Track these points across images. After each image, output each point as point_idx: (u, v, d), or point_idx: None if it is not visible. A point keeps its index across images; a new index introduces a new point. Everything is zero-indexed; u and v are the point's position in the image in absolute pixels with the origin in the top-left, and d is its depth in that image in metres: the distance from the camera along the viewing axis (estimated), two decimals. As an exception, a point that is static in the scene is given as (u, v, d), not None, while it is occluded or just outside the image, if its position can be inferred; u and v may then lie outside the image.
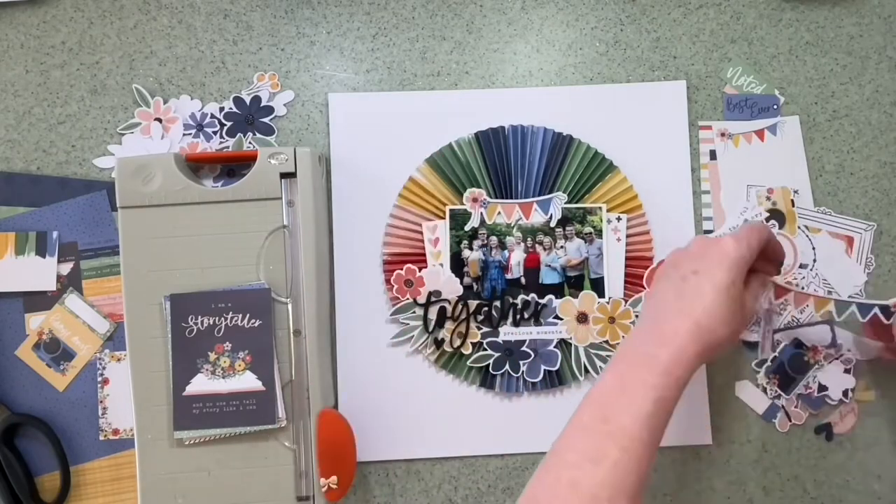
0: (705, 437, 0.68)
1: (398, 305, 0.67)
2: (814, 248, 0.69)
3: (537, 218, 0.68)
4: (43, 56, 0.69)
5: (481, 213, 0.68)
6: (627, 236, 0.69)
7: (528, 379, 0.67)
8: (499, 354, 0.67)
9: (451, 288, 0.67)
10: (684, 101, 0.70)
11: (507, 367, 0.67)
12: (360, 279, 0.68)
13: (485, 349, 0.68)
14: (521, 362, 0.67)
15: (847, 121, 0.71)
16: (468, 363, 0.68)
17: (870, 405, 0.69)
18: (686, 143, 0.70)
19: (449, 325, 0.67)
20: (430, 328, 0.67)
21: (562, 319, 0.68)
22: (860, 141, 0.71)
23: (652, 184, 0.69)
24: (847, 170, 0.70)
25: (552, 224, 0.68)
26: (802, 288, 0.69)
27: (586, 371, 0.68)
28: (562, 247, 0.68)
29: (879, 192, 0.70)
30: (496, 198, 0.68)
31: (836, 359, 0.69)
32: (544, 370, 0.67)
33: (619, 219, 0.69)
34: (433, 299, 0.67)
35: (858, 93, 0.71)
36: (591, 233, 0.68)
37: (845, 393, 0.69)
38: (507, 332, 0.68)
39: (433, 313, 0.67)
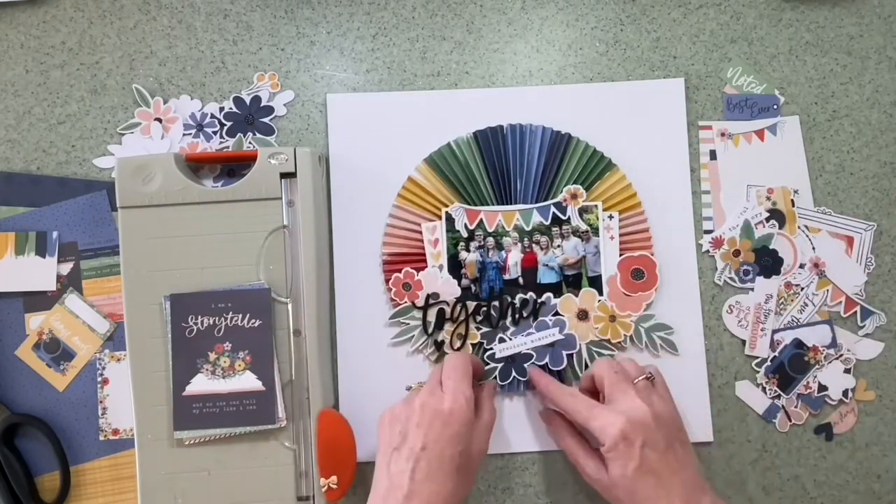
0: (706, 433, 0.68)
1: (397, 309, 0.68)
2: (814, 248, 0.69)
3: (535, 219, 0.68)
4: (43, 56, 0.69)
5: (481, 219, 0.68)
6: (627, 234, 0.69)
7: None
8: (503, 364, 0.68)
9: (449, 290, 0.67)
10: (682, 98, 0.70)
11: (513, 374, 0.67)
12: (359, 279, 0.68)
13: (486, 363, 0.67)
14: (525, 365, 0.67)
15: (847, 121, 0.71)
16: (476, 381, 0.67)
17: (870, 405, 0.69)
18: (685, 140, 0.70)
19: (448, 326, 0.67)
20: (430, 330, 0.67)
21: (561, 317, 0.68)
22: (860, 141, 0.71)
23: (651, 181, 0.69)
24: (847, 170, 0.70)
25: (548, 222, 0.68)
26: (803, 289, 0.69)
27: (587, 368, 0.68)
28: (559, 246, 0.68)
29: (879, 192, 0.70)
30: (495, 198, 0.68)
31: (836, 359, 0.69)
32: (548, 370, 0.67)
33: (611, 217, 0.69)
34: (431, 301, 0.67)
35: (858, 93, 0.71)
36: (587, 231, 0.68)
37: (845, 393, 0.69)
38: (506, 348, 0.67)
39: (432, 315, 0.67)
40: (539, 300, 0.68)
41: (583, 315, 0.68)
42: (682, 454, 0.58)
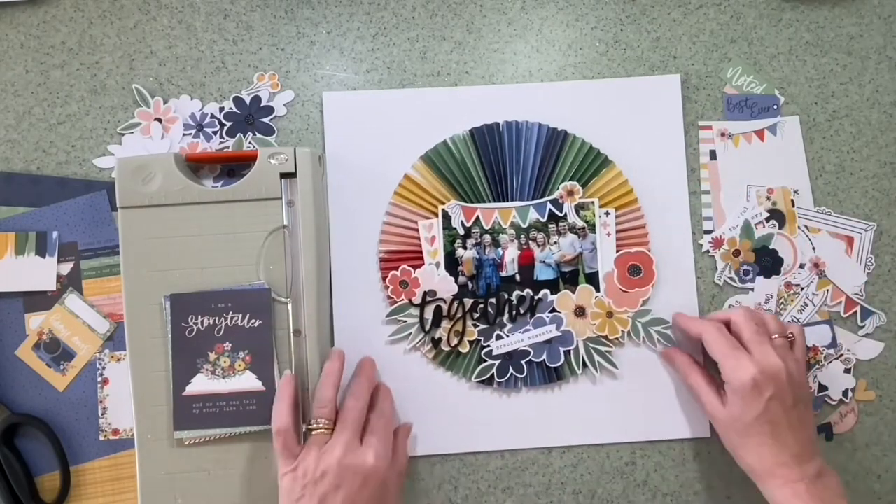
0: (704, 429, 0.68)
1: (394, 307, 0.68)
2: (814, 248, 0.69)
3: (532, 215, 0.69)
4: (43, 56, 0.69)
5: (478, 216, 0.68)
6: (623, 230, 0.69)
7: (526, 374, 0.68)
8: (500, 361, 0.68)
9: (446, 287, 0.67)
10: (679, 94, 0.70)
11: (511, 371, 0.67)
12: (357, 277, 0.68)
13: (483, 360, 0.68)
14: (522, 362, 0.67)
15: (847, 121, 0.71)
16: (473, 378, 0.68)
17: (870, 405, 0.69)
18: (681, 136, 0.70)
19: (445, 324, 0.67)
20: (427, 328, 0.67)
21: (558, 313, 0.68)
22: (860, 141, 0.71)
23: (648, 178, 0.69)
24: (847, 170, 0.70)
25: (545, 219, 0.68)
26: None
27: (584, 365, 0.68)
28: (555, 243, 0.68)
29: (879, 192, 0.70)
30: (492, 195, 0.68)
31: (836, 359, 0.69)
32: (545, 366, 0.68)
33: (607, 213, 0.69)
34: (428, 299, 0.67)
35: (858, 93, 0.71)
36: (584, 228, 0.68)
37: (845, 393, 0.69)
38: (503, 345, 0.68)
39: (429, 313, 0.67)
40: (536, 297, 0.68)
41: (580, 311, 0.68)
42: (805, 414, 0.60)
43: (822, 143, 0.71)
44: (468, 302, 0.68)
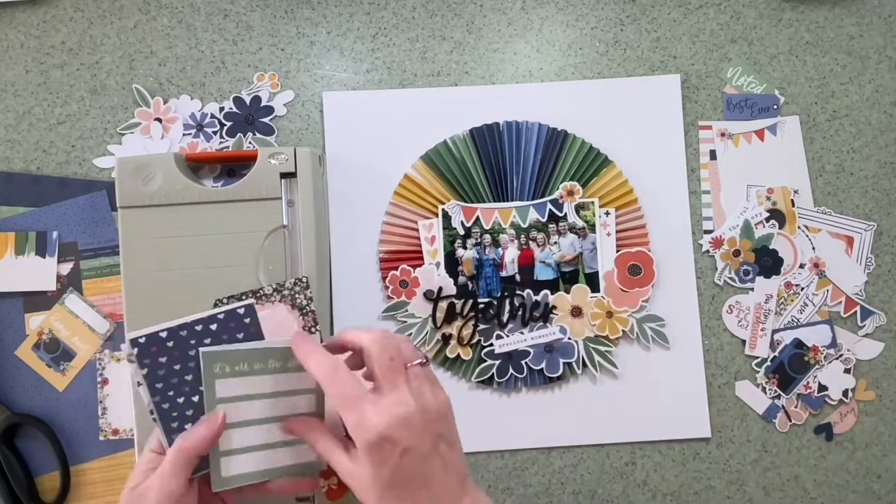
0: (704, 429, 0.68)
1: (389, 304, 0.68)
2: (814, 248, 0.69)
3: (532, 216, 0.69)
4: (43, 56, 0.69)
5: (478, 216, 0.68)
6: (623, 230, 0.69)
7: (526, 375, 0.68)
8: (500, 361, 0.68)
9: (445, 287, 0.67)
10: (678, 94, 0.70)
11: (511, 371, 0.67)
12: (357, 277, 0.68)
13: (483, 360, 0.68)
14: (522, 362, 0.67)
15: (847, 121, 0.71)
16: (473, 378, 0.68)
17: (870, 405, 0.69)
18: (681, 136, 0.70)
19: (458, 322, 0.67)
20: (438, 324, 0.67)
21: (557, 315, 0.68)
22: (860, 141, 0.71)
23: (648, 177, 0.69)
24: (847, 170, 0.70)
25: (545, 219, 0.68)
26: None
27: (584, 365, 0.68)
28: (555, 243, 0.68)
29: (879, 192, 0.70)
30: (492, 195, 0.68)
31: (836, 359, 0.69)
32: (544, 364, 0.68)
33: (607, 213, 0.69)
34: (443, 294, 0.67)
35: (858, 93, 0.71)
36: (584, 228, 0.68)
37: (845, 393, 0.69)
38: (503, 345, 0.68)
39: (442, 310, 0.67)
40: (536, 297, 0.68)
41: (576, 311, 0.68)
42: (448, 453, 0.50)
43: (822, 143, 0.71)
44: (469, 304, 0.68)
